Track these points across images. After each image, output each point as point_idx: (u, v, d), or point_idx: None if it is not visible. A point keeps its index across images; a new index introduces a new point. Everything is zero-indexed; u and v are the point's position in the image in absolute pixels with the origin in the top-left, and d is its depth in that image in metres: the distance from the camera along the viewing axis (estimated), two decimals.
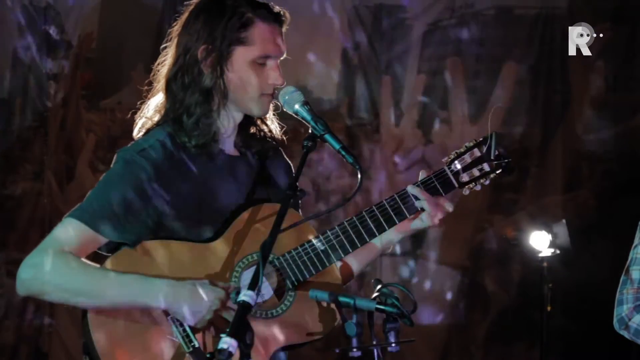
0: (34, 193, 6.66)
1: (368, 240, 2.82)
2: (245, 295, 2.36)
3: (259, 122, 2.92)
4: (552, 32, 6.70)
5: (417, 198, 2.82)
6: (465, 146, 2.88)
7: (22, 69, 6.73)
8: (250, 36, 2.74)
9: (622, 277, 3.28)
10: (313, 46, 6.64)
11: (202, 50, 2.75)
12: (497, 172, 2.88)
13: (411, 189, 2.83)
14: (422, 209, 2.82)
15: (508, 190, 6.75)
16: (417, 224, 2.86)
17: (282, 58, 2.82)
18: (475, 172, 2.86)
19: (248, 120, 2.89)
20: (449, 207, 2.85)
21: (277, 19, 2.79)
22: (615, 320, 3.26)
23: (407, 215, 2.83)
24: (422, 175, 2.87)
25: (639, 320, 3.19)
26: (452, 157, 2.87)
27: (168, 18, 6.53)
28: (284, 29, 2.82)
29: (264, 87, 2.77)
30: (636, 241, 3.29)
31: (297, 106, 2.70)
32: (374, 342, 2.57)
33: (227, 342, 2.27)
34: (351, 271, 3.00)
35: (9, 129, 6.72)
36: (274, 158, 2.96)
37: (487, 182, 2.89)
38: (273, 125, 2.93)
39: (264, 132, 2.93)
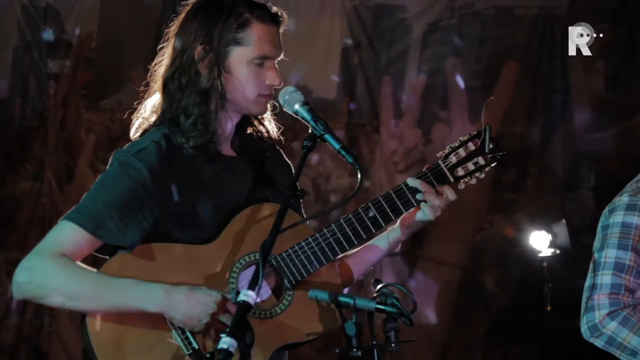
0: (34, 193, 6.66)
1: (365, 237, 2.81)
2: (245, 295, 2.36)
3: (256, 122, 2.91)
4: (552, 32, 6.70)
5: (417, 191, 2.81)
6: (460, 140, 2.88)
7: (22, 69, 6.73)
8: (247, 37, 2.73)
9: (588, 283, 3.12)
10: (313, 46, 6.64)
11: (199, 51, 2.74)
12: (492, 165, 2.88)
13: (411, 182, 2.82)
14: (424, 201, 2.80)
15: (508, 190, 6.75)
16: (420, 216, 2.84)
17: (279, 59, 2.81)
18: (470, 166, 2.86)
19: (245, 121, 2.89)
20: (452, 196, 2.83)
21: (274, 20, 2.78)
22: (585, 327, 3.07)
23: (404, 211, 2.82)
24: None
25: (613, 327, 3.02)
26: (447, 151, 2.87)
27: (168, 18, 6.52)
28: (281, 30, 2.82)
29: (262, 87, 2.76)
30: (598, 244, 3.19)
31: (297, 106, 2.69)
32: (374, 342, 2.56)
33: (227, 342, 2.27)
34: (351, 274, 2.99)
35: (9, 129, 6.72)
36: (273, 158, 2.95)
37: (483, 175, 2.89)
38: (270, 126, 2.92)
39: (262, 133, 2.92)
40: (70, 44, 6.74)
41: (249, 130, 2.91)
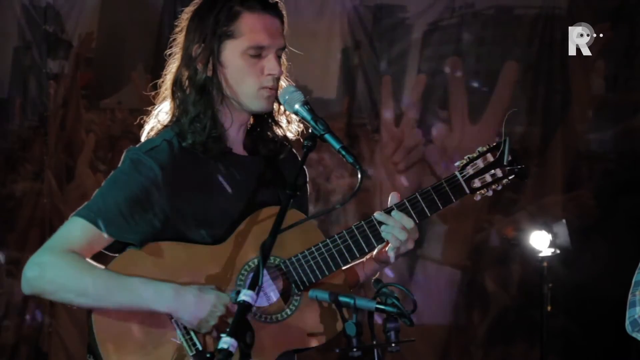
0: (34, 193, 6.66)
1: (376, 244, 2.80)
2: (245, 295, 2.36)
3: (271, 123, 2.88)
4: (552, 32, 6.70)
5: (383, 224, 2.75)
6: (478, 151, 2.83)
7: (22, 69, 6.73)
8: (238, 28, 2.73)
9: (635, 279, 3.15)
10: (313, 46, 6.64)
11: (196, 49, 2.75)
12: (510, 177, 2.83)
13: (378, 216, 2.77)
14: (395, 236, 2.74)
15: (508, 190, 6.72)
16: (391, 253, 2.79)
17: (280, 47, 2.78)
18: (488, 178, 2.81)
19: (259, 122, 2.88)
20: (409, 224, 2.74)
21: (267, 9, 2.76)
22: (627, 322, 3.12)
23: (375, 245, 2.78)
24: (393, 199, 2.81)
25: None
26: (465, 162, 2.82)
27: (168, 18, 6.53)
28: (284, 20, 2.80)
29: (261, 78, 2.75)
30: None
31: (297, 106, 2.68)
32: (374, 342, 2.56)
33: (227, 342, 2.27)
34: (357, 277, 2.97)
35: (9, 129, 6.73)
36: (287, 159, 2.92)
37: (500, 187, 2.83)
38: (290, 126, 2.89)
39: (276, 133, 2.89)
40: (70, 44, 6.74)
41: (264, 131, 2.89)
